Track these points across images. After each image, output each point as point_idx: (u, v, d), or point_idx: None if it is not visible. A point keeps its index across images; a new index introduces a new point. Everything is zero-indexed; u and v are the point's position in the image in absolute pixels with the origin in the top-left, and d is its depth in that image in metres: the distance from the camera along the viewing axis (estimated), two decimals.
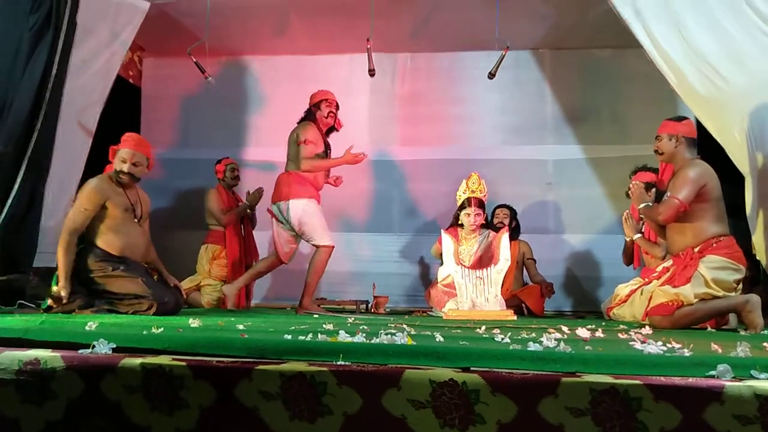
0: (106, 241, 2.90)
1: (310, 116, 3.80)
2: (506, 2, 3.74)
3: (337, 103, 3.85)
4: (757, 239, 3.12)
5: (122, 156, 2.96)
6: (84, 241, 2.91)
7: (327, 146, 3.82)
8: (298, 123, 3.83)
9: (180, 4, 4.06)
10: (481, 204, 3.81)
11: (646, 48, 3.45)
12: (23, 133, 2.99)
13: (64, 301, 2.70)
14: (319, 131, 3.76)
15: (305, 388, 1.31)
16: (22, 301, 2.84)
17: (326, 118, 3.77)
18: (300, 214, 3.64)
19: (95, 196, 2.86)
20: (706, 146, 3.18)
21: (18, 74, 3.02)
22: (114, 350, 1.49)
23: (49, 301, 2.70)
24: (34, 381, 1.41)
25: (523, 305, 4.10)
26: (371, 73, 3.52)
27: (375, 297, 4.17)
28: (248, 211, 4.26)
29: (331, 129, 3.87)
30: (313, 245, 3.71)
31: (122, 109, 4.35)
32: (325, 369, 1.31)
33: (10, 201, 2.97)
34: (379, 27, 3.70)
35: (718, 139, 3.27)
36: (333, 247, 3.71)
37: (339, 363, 1.35)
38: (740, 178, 3.24)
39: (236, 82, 5.13)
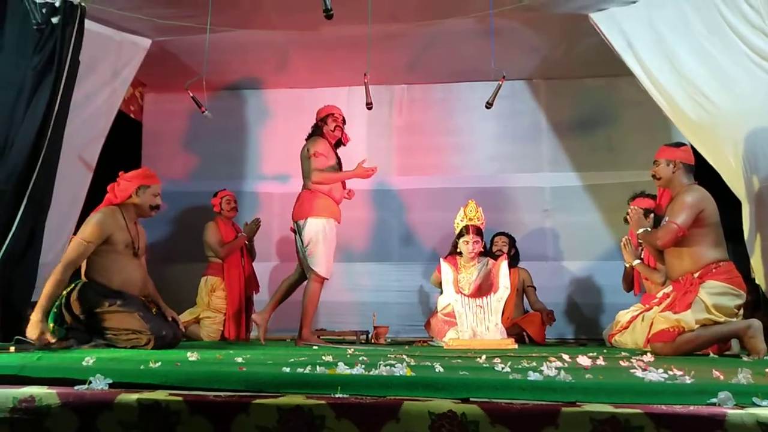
0: (103, 275, 2.89)
1: (317, 131, 3.84)
2: (499, 35, 3.83)
3: (343, 118, 3.88)
4: (755, 264, 3.12)
5: (155, 191, 3.04)
6: (79, 275, 2.90)
7: (338, 159, 3.84)
8: (306, 139, 3.86)
9: (181, 42, 4.15)
10: (479, 231, 3.82)
11: (638, 76, 3.52)
12: (24, 171, 3.02)
13: (48, 341, 2.61)
14: (329, 144, 3.78)
15: (303, 422, 1.29)
16: (20, 337, 2.81)
17: (333, 131, 3.81)
18: (314, 233, 3.61)
19: (100, 229, 2.85)
20: (703, 171, 3.21)
21: (21, 113, 3.06)
22: (111, 386, 1.47)
23: (47, 336, 2.67)
24: (28, 419, 1.39)
25: (525, 333, 4.07)
26: (369, 106, 3.57)
27: (375, 327, 4.14)
28: (246, 242, 4.27)
29: (339, 143, 3.89)
30: (309, 268, 3.63)
31: (123, 143, 4.40)
32: (323, 402, 1.30)
33: (9, 237, 2.98)
34: (376, 60, 3.78)
35: (713, 165, 3.31)
36: (326, 279, 3.66)
37: (337, 396, 1.34)
38: (738, 203, 3.26)
39: (236, 115, 5.20)
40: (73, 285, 2.87)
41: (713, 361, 2.45)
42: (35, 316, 2.67)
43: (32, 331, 2.65)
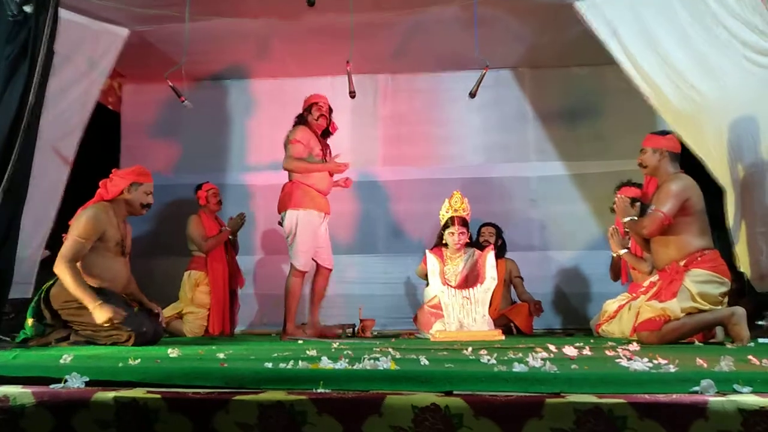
0: (87, 271, 2.83)
1: (301, 120, 3.82)
2: (484, 23, 3.80)
3: (329, 107, 3.85)
4: (740, 251, 3.15)
5: (147, 189, 3.04)
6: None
7: (325, 147, 3.81)
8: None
9: (159, 31, 4.06)
10: (464, 222, 3.80)
11: (622, 65, 3.52)
12: None
13: (117, 320, 2.64)
14: (312, 133, 3.76)
15: (284, 418, 1.27)
16: None
17: (317, 120, 3.78)
18: (291, 225, 3.62)
19: (94, 225, 2.80)
20: (688, 160, 3.22)
21: None
22: (87, 384, 1.44)
23: (117, 310, 2.66)
24: (3, 419, 1.36)
25: (512, 324, 4.08)
26: (352, 95, 3.54)
27: (361, 320, 4.12)
28: (230, 236, 4.22)
29: (327, 132, 3.86)
30: (291, 261, 3.66)
31: (102, 135, 4.32)
32: (304, 397, 1.28)
33: None
34: (359, 48, 3.73)
35: (697, 153, 3.33)
36: (304, 273, 3.68)
37: (318, 391, 1.32)
38: (721, 191, 3.28)
39: (217, 105, 5.13)
40: (53, 280, 2.81)
41: (698, 349, 2.47)
42: (92, 303, 2.65)
43: (102, 316, 2.63)
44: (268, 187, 4.94)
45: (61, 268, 2.72)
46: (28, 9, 3.09)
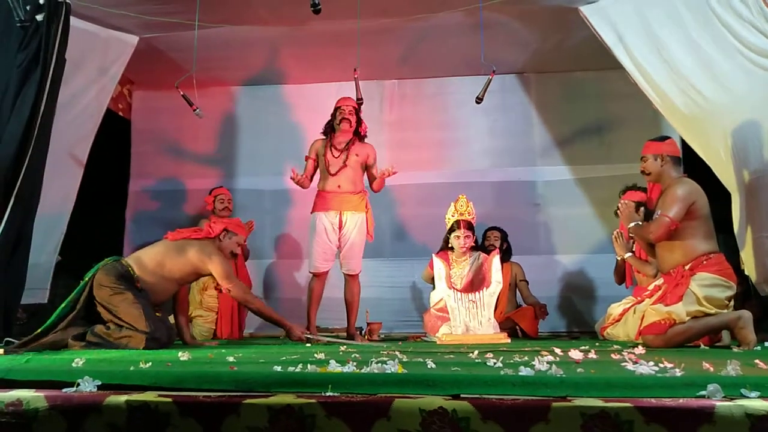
0: (144, 271, 2.96)
1: (325, 127, 3.89)
2: (490, 29, 3.82)
3: (353, 108, 3.80)
4: (745, 255, 3.14)
5: (239, 241, 3.29)
6: (121, 253, 2.93)
7: (345, 152, 3.76)
8: None
9: (168, 38, 4.11)
10: (470, 226, 3.81)
11: (628, 69, 3.52)
12: (11, 171, 2.98)
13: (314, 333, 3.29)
14: (326, 142, 3.81)
15: (293, 422, 1.29)
16: (9, 339, 2.79)
17: (339, 125, 3.78)
18: (309, 228, 3.79)
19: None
20: (693, 164, 3.22)
21: (6, 112, 3.02)
22: (99, 387, 1.46)
23: (306, 331, 3.26)
24: (15, 423, 1.38)
25: (518, 327, 4.08)
26: (359, 102, 3.56)
27: (369, 323, 4.13)
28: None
29: (357, 134, 3.83)
30: None
31: (112, 142, 4.37)
32: (313, 401, 1.29)
33: None
34: (366, 55, 3.76)
35: (704, 157, 3.32)
36: (318, 274, 3.75)
37: (327, 394, 1.33)
38: (728, 194, 3.27)
39: (225, 112, 5.17)
40: (103, 262, 2.94)
41: (704, 352, 2.46)
42: (286, 325, 3.20)
43: (296, 334, 3.19)
44: (277, 192, 4.98)
45: (242, 298, 3.18)
46: (39, 17, 3.14)
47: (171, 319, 3.94)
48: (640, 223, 3.06)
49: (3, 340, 2.71)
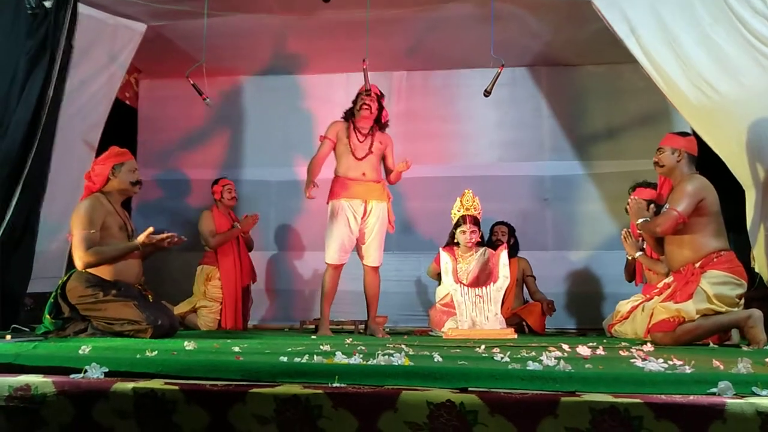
0: (94, 265, 2.80)
1: (346, 113, 3.72)
2: (500, 21, 3.78)
3: (376, 95, 3.65)
4: (757, 253, 3.11)
5: (132, 167, 2.97)
6: (73, 267, 2.85)
7: (369, 137, 3.63)
8: None
9: (176, 26, 4.09)
10: (475, 221, 3.79)
11: (641, 63, 3.48)
12: (18, 157, 2.99)
13: (159, 238, 2.83)
14: (348, 126, 3.63)
15: (300, 412, 1.28)
16: (16, 326, 2.81)
17: (359, 111, 3.61)
18: (327, 216, 3.61)
19: (92, 216, 2.78)
20: (704, 161, 3.18)
21: (14, 98, 3.03)
22: (106, 374, 1.46)
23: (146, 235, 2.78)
24: (24, 407, 1.39)
25: (524, 323, 4.06)
26: (368, 93, 3.53)
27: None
28: (243, 234, 4.23)
29: (378, 122, 3.69)
30: None
31: (118, 130, 4.36)
32: (320, 392, 1.29)
33: (5, 225, 2.96)
34: (374, 46, 3.73)
35: (718, 152, 3.28)
36: (329, 265, 3.62)
37: (334, 385, 1.33)
38: (739, 192, 3.23)
39: (233, 102, 5.15)
40: (67, 275, 2.84)
41: (713, 351, 2.45)
42: (132, 245, 2.84)
43: (141, 238, 2.81)
44: (283, 183, 4.97)
45: (85, 259, 2.74)
46: (48, 4, 3.14)
47: (183, 305, 3.98)
48: (649, 219, 3.03)
49: (10, 327, 2.72)
